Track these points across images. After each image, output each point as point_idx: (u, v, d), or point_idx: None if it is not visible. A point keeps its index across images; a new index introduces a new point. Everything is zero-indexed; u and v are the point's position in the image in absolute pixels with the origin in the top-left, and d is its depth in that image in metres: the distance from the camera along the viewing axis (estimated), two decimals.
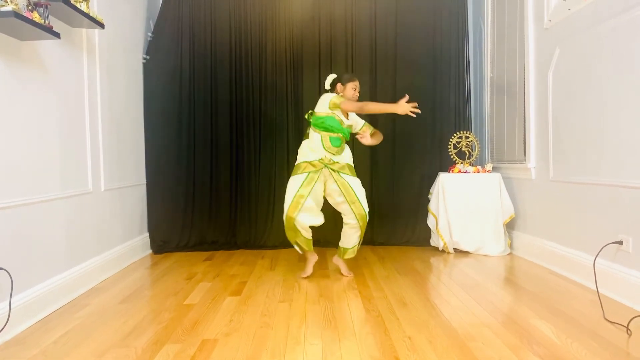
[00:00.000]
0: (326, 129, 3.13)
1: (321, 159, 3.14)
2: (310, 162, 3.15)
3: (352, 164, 3.28)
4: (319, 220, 3.19)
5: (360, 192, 3.18)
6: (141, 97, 4.15)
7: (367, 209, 3.16)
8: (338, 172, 3.15)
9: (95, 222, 3.23)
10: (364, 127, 3.35)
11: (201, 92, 4.28)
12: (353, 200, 3.12)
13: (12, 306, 2.21)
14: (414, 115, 2.98)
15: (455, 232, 3.99)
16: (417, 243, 4.35)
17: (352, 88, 3.21)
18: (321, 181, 3.19)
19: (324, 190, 3.23)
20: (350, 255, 3.28)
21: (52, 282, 2.64)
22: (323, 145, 3.14)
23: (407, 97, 2.98)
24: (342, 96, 3.17)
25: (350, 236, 3.21)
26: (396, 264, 3.67)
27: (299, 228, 3.11)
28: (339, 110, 3.15)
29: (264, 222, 4.35)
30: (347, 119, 3.23)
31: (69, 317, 2.50)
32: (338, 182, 3.14)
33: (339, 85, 3.23)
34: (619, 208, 2.69)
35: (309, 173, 3.13)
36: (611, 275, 2.70)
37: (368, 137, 3.25)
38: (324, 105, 3.14)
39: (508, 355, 1.93)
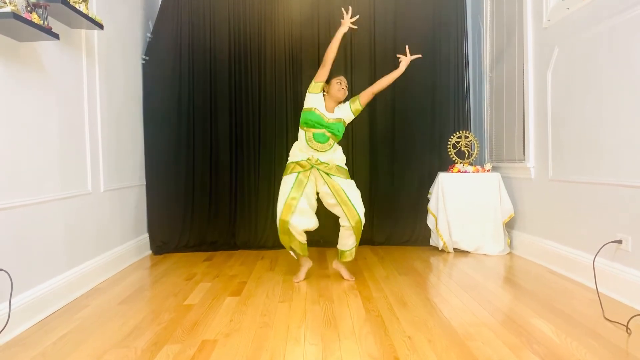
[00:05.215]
0: (307, 124, 3.08)
1: (308, 158, 3.11)
2: (298, 162, 3.13)
3: (344, 167, 3.20)
4: (312, 223, 3.13)
5: (353, 194, 3.10)
6: (140, 98, 4.15)
7: (361, 212, 3.07)
8: (328, 173, 3.10)
9: (95, 223, 3.23)
10: (352, 107, 3.16)
11: (200, 92, 4.28)
12: (345, 202, 3.05)
13: (12, 307, 2.21)
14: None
15: (454, 232, 3.99)
16: (416, 243, 4.35)
17: (336, 83, 3.12)
18: (312, 182, 3.14)
19: (317, 193, 3.21)
20: (348, 258, 3.23)
21: (51, 283, 2.64)
22: (307, 141, 3.10)
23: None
24: (328, 93, 3.13)
25: (347, 239, 3.17)
26: (396, 263, 3.67)
27: (293, 232, 3.08)
28: (322, 106, 3.10)
29: (263, 223, 4.35)
30: (332, 112, 3.13)
31: (68, 318, 2.50)
32: (328, 184, 3.08)
33: (325, 86, 3.16)
34: (618, 207, 2.69)
35: (299, 173, 3.10)
36: (610, 274, 2.70)
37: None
38: (308, 102, 3.11)
39: (508, 355, 1.93)
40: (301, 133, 3.16)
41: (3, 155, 2.28)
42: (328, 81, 3.15)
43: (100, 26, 2.94)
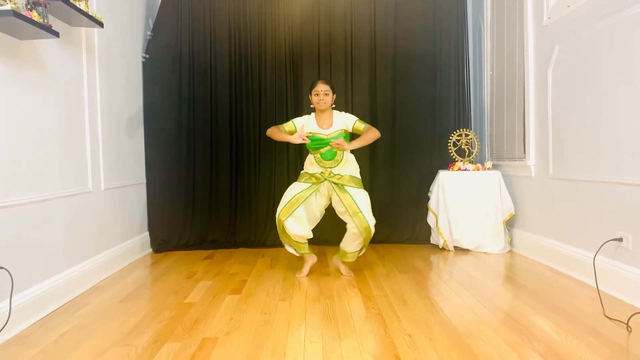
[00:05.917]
0: (311, 148, 3.15)
1: (322, 172, 3.16)
2: (312, 175, 3.18)
3: (358, 176, 3.22)
4: (303, 231, 3.13)
5: (364, 205, 3.08)
6: (141, 96, 4.15)
7: (371, 223, 3.06)
8: (342, 185, 3.11)
9: (95, 221, 3.23)
10: (355, 125, 3.18)
11: (201, 90, 4.28)
12: (355, 212, 3.05)
13: (12, 305, 2.21)
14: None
15: (455, 230, 3.99)
16: (417, 241, 4.35)
17: (314, 95, 3.14)
18: (323, 195, 3.20)
19: (329, 202, 3.24)
20: (349, 259, 3.24)
21: (52, 281, 2.64)
22: (317, 162, 3.17)
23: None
24: (315, 108, 3.20)
25: (351, 242, 3.17)
26: (396, 262, 3.67)
27: (288, 233, 3.12)
28: (314, 125, 3.15)
29: (263, 221, 4.35)
30: (329, 126, 3.15)
31: (69, 316, 2.51)
32: (341, 197, 3.09)
33: (311, 100, 3.19)
34: (619, 205, 2.69)
35: (312, 184, 3.16)
36: (611, 272, 2.70)
37: (343, 143, 2.99)
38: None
39: (508, 353, 1.93)
40: (309, 155, 3.23)
41: (3, 154, 2.28)
42: (310, 93, 3.19)
43: (101, 24, 2.94)
